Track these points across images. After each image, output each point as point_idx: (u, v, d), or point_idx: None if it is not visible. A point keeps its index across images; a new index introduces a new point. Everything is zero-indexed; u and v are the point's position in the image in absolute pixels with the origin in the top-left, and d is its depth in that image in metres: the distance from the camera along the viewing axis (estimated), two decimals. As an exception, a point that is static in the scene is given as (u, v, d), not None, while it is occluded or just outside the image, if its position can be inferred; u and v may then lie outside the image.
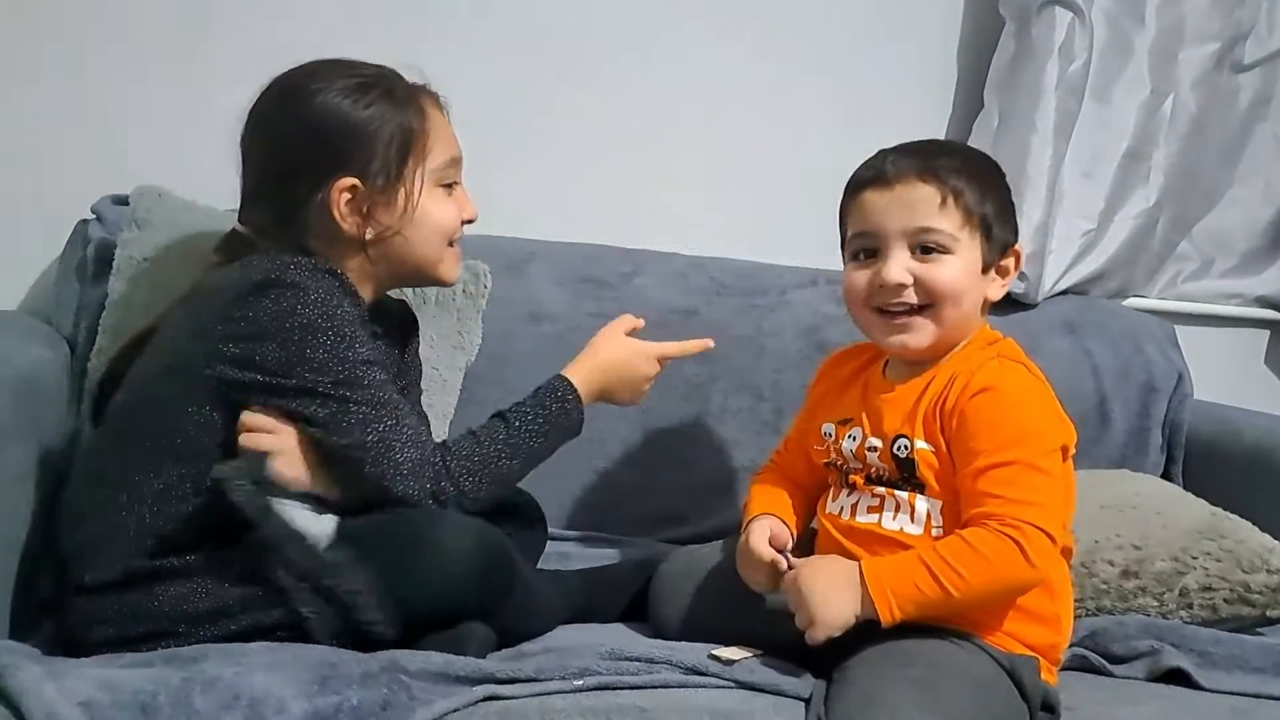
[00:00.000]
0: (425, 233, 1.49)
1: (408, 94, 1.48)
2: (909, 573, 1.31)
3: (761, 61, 2.28)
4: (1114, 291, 2.41)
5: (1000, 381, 1.39)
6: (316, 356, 1.34)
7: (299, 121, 1.45)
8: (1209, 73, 2.39)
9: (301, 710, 1.12)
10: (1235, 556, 1.67)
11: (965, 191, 1.42)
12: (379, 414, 1.36)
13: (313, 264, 1.38)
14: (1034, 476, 1.33)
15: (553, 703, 1.22)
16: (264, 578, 1.31)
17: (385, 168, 1.44)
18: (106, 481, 1.37)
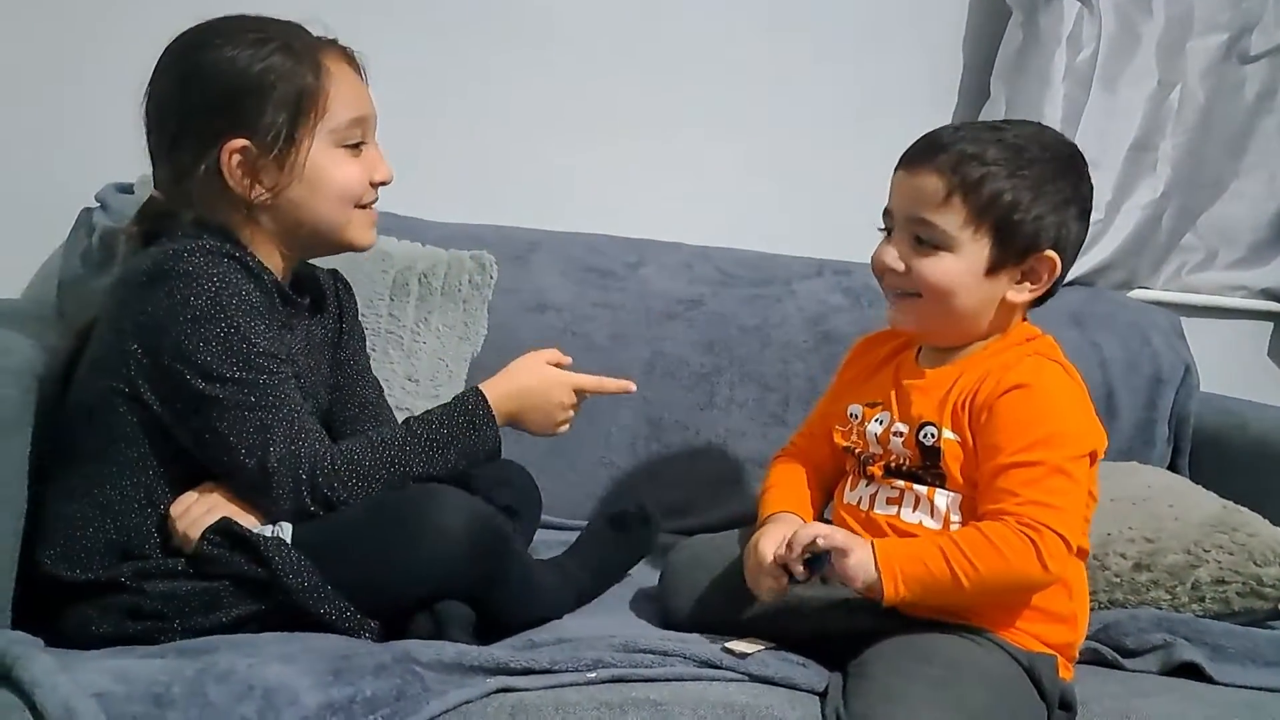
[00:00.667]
0: (323, 195, 1.41)
1: (306, 48, 1.40)
2: (920, 553, 1.31)
3: (768, 50, 2.28)
4: (1120, 283, 2.41)
5: (1035, 380, 1.36)
6: (210, 350, 1.30)
7: (188, 80, 1.39)
8: (1216, 64, 2.39)
9: (315, 702, 1.11)
10: (1248, 550, 1.66)
11: (979, 189, 1.36)
12: (275, 416, 1.32)
13: (210, 247, 1.32)
14: (1058, 480, 1.31)
15: (566, 695, 1.21)
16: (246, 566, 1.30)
17: (276, 127, 1.37)
18: (70, 496, 1.35)
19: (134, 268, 1.35)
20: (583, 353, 1.94)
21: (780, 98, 2.29)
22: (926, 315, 1.43)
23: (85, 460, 1.35)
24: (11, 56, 1.94)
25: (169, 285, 1.30)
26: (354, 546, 1.30)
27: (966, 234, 1.38)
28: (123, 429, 1.33)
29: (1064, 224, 1.40)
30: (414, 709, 1.14)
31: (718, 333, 2.05)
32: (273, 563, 1.28)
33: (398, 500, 1.33)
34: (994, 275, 1.39)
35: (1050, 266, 1.40)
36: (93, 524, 1.33)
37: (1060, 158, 1.42)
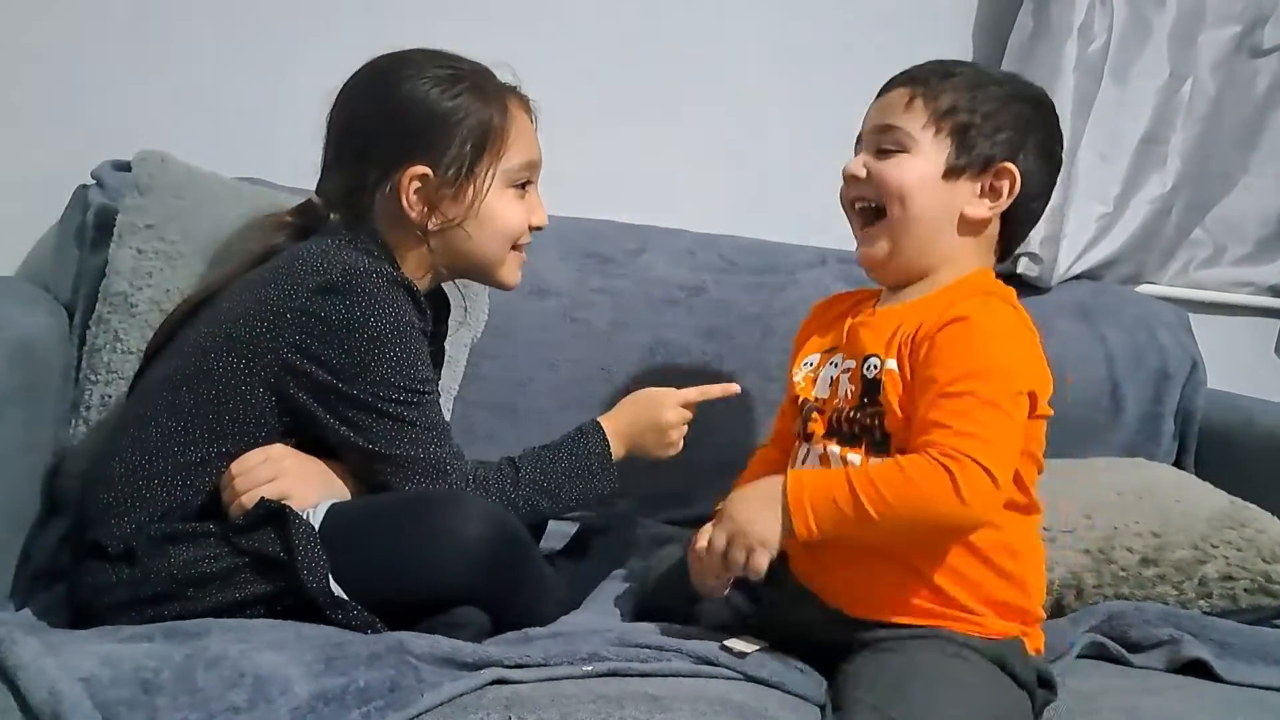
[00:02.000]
0: (489, 231, 1.48)
1: (496, 91, 1.48)
2: (830, 488, 1.27)
3: (775, 35, 2.26)
4: (1127, 277, 2.39)
5: (976, 313, 1.33)
6: (380, 371, 1.35)
7: (382, 104, 1.46)
8: (1228, 56, 2.37)
9: (307, 691, 1.09)
10: (1256, 546, 1.64)
11: (942, 95, 1.42)
12: (430, 435, 1.39)
13: (390, 276, 1.38)
14: (988, 413, 1.27)
15: (562, 688, 1.19)
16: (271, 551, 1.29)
17: (459, 161, 1.44)
18: (143, 449, 1.36)
19: (309, 268, 1.37)
20: (581, 338, 1.97)
21: (788, 84, 2.27)
22: (891, 233, 1.43)
23: (178, 418, 1.36)
24: (10, 32, 1.92)
25: (351, 300, 1.34)
26: (375, 544, 1.30)
27: (927, 135, 1.42)
28: (235, 404, 1.36)
29: (1025, 146, 1.43)
30: (408, 700, 1.11)
31: (719, 320, 2.03)
32: (295, 550, 1.27)
33: (422, 503, 1.33)
34: (952, 180, 1.42)
35: (1010, 179, 1.42)
36: (161, 477, 1.34)
37: (1029, 93, 1.48)
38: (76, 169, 1.86)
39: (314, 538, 1.28)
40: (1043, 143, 1.46)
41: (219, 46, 1.99)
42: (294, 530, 1.27)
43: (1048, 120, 1.48)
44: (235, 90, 1.98)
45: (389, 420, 1.36)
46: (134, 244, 1.68)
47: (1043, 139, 1.46)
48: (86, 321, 1.69)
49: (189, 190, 1.72)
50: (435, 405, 1.42)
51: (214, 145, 1.86)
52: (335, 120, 1.48)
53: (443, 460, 1.38)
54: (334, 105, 1.48)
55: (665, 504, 1.95)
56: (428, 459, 1.37)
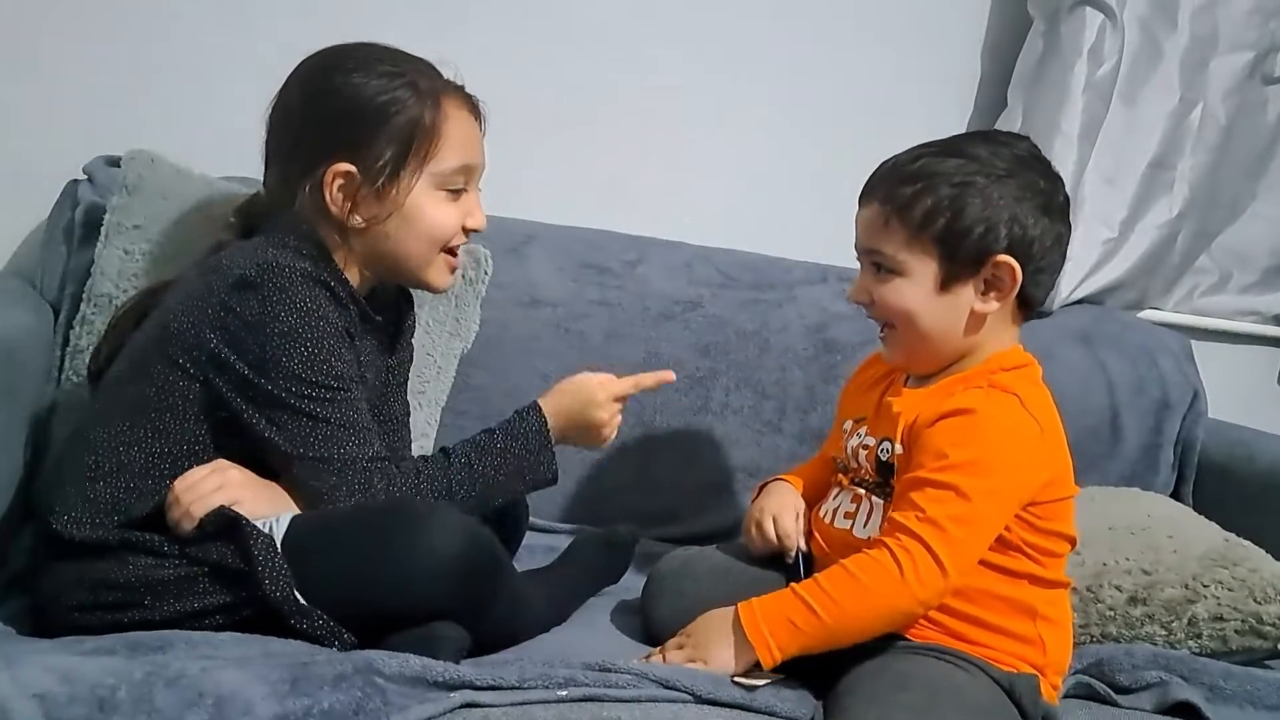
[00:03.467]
0: (414, 233, 1.44)
1: (432, 90, 1.44)
2: (784, 610, 1.31)
3: (782, 54, 2.25)
4: (1130, 303, 2.38)
5: (977, 406, 1.34)
6: (291, 366, 1.32)
7: (315, 97, 1.43)
8: (1240, 83, 2.36)
9: (270, 712, 1.06)
10: (1248, 586, 1.61)
11: (911, 206, 1.37)
12: (346, 433, 1.34)
13: (307, 272, 1.35)
14: (960, 505, 1.29)
15: (534, 712, 1.16)
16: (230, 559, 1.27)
17: (383, 160, 1.41)
18: (92, 449, 1.35)
19: (230, 263, 1.36)
20: (576, 351, 1.95)
21: (795, 101, 2.26)
22: (905, 343, 1.43)
23: (122, 417, 1.35)
24: (7, 28, 1.91)
25: (263, 294, 1.32)
26: (344, 556, 1.27)
27: (911, 255, 1.38)
28: (173, 400, 1.34)
29: (1016, 222, 1.36)
30: (372, 724, 1.09)
31: (715, 336, 2.01)
32: (255, 560, 1.25)
33: (393, 514, 1.30)
34: (950, 290, 1.39)
35: (1009, 271, 1.37)
36: (106, 478, 1.33)
37: (1009, 160, 1.39)
38: (70, 164, 1.85)
39: (273, 547, 1.26)
40: (1038, 205, 1.39)
41: (213, 46, 1.98)
42: (251, 540, 1.25)
43: (1035, 179, 1.40)
44: (229, 89, 1.96)
45: (302, 418, 1.32)
46: (120, 245, 1.67)
47: (1036, 202, 1.39)
48: (71, 321, 1.68)
49: (176, 191, 1.71)
50: (354, 404, 1.37)
51: (206, 144, 1.84)
52: (274, 110, 1.45)
53: (358, 460, 1.34)
54: (277, 95, 1.46)
55: (657, 522, 1.93)
56: (343, 459, 1.34)
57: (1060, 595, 1.42)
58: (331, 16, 1.99)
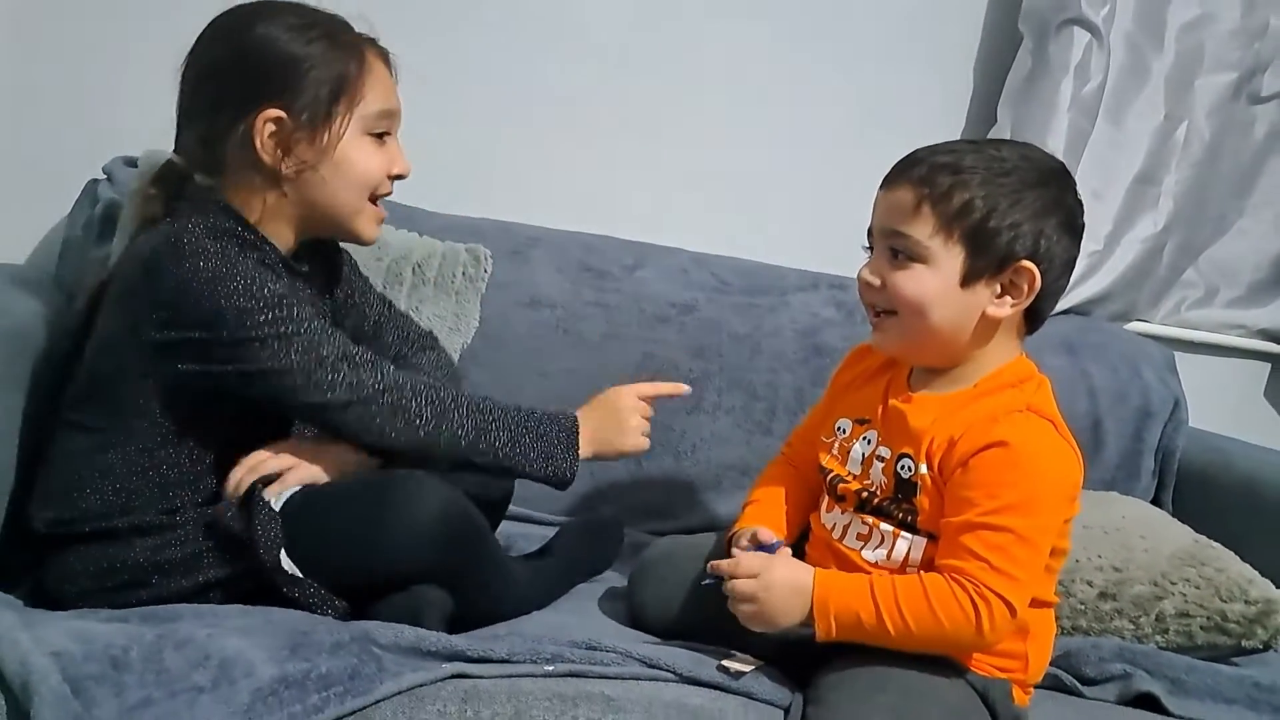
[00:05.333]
0: (346, 178, 1.46)
1: (351, 40, 1.46)
2: (856, 601, 1.31)
3: (778, 66, 2.30)
4: (1117, 314, 2.42)
5: (1018, 439, 1.31)
6: (234, 303, 1.33)
7: (235, 50, 1.43)
8: (1225, 102, 2.40)
9: (270, 675, 1.13)
10: (1214, 585, 1.67)
11: (949, 196, 1.34)
12: (314, 338, 1.36)
13: (211, 225, 1.37)
14: (1023, 549, 1.29)
15: (521, 685, 1.22)
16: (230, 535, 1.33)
17: (314, 104, 1.42)
18: (71, 459, 1.39)
19: (137, 254, 1.39)
20: (574, 350, 1.99)
21: (791, 111, 2.31)
22: (905, 333, 1.40)
23: (91, 426, 1.38)
24: (26, 32, 1.98)
25: (175, 264, 1.33)
26: (332, 522, 1.32)
27: (938, 243, 1.35)
28: (131, 401, 1.37)
29: (1043, 233, 1.35)
30: (367, 688, 1.15)
31: (709, 339, 2.06)
32: (254, 528, 1.30)
33: (378, 482, 1.35)
34: (970, 286, 1.36)
35: (1029, 277, 1.35)
36: (89, 485, 1.37)
37: (1042, 169, 1.39)
38: (89, 164, 1.92)
39: (274, 517, 1.31)
40: (1064, 221, 1.38)
41: None
42: (255, 510, 1.30)
43: (1064, 194, 1.39)
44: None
45: (269, 341, 1.34)
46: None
47: (1063, 217, 1.38)
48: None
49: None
50: (308, 317, 1.38)
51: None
52: (187, 71, 1.45)
53: (339, 355, 1.37)
54: (188, 56, 1.45)
55: (649, 516, 1.98)
56: (326, 358, 1.36)
57: (1048, 613, 1.43)
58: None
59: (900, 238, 1.37)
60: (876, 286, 1.39)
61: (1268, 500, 1.99)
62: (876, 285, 1.39)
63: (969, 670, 1.35)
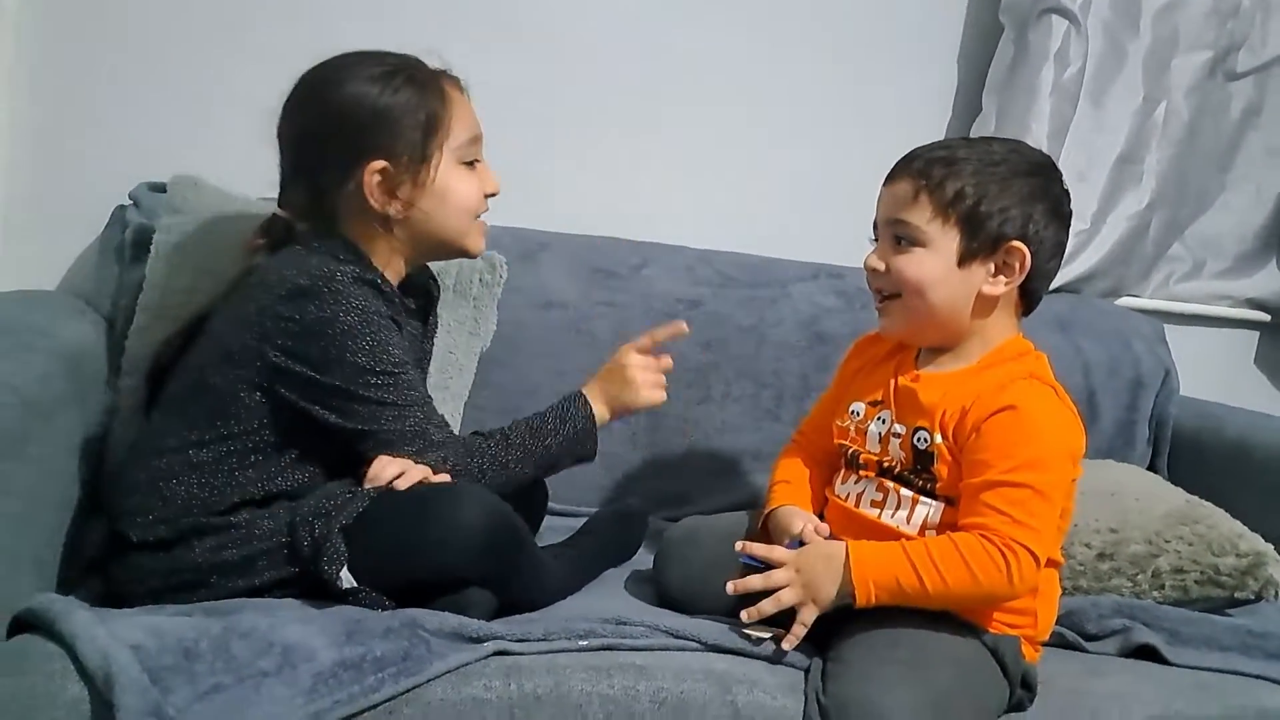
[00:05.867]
0: (450, 207, 1.57)
1: (429, 78, 1.57)
2: (893, 566, 1.40)
3: (771, 67, 2.36)
4: (1107, 291, 2.49)
5: (1025, 403, 1.43)
6: (355, 360, 1.45)
7: (329, 111, 1.54)
8: (1201, 81, 2.47)
9: (329, 659, 1.22)
10: (1206, 541, 1.75)
11: (944, 185, 1.47)
12: (409, 410, 1.49)
13: (353, 274, 1.48)
14: (1041, 503, 1.39)
15: (558, 660, 1.32)
16: (285, 539, 1.42)
17: (411, 148, 1.53)
18: (161, 454, 1.48)
19: (278, 278, 1.48)
20: (587, 348, 2.04)
21: (784, 109, 2.37)
22: (909, 314, 1.51)
23: (190, 427, 1.48)
24: (50, 63, 2.04)
25: (319, 301, 1.45)
26: (384, 533, 1.40)
27: (935, 227, 1.48)
28: (237, 410, 1.47)
29: (1031, 217, 1.47)
30: (419, 668, 1.24)
31: (715, 332, 2.12)
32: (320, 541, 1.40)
33: (425, 494, 1.44)
34: (966, 267, 1.48)
35: (1020, 257, 1.47)
36: (177, 477, 1.46)
37: (1030, 161, 1.52)
38: (112, 191, 1.99)
39: (337, 537, 1.40)
40: (1051, 208, 1.50)
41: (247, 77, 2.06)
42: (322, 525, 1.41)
43: (1050, 184, 1.52)
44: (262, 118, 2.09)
45: (370, 404, 1.46)
46: (170, 260, 1.80)
47: (1050, 204, 1.50)
48: (125, 332, 1.80)
49: (219, 210, 1.83)
50: (412, 382, 1.51)
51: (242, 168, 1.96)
52: (285, 134, 1.56)
53: (424, 428, 1.49)
54: (282, 120, 1.56)
55: (668, 503, 2.04)
56: (410, 430, 1.48)
57: (1054, 572, 1.53)
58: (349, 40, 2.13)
59: (901, 225, 1.50)
60: (881, 271, 1.52)
61: (1257, 461, 2.08)
62: (881, 270, 1.52)
63: (981, 628, 1.44)
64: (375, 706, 1.22)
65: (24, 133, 2.04)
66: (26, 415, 1.33)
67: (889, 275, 1.51)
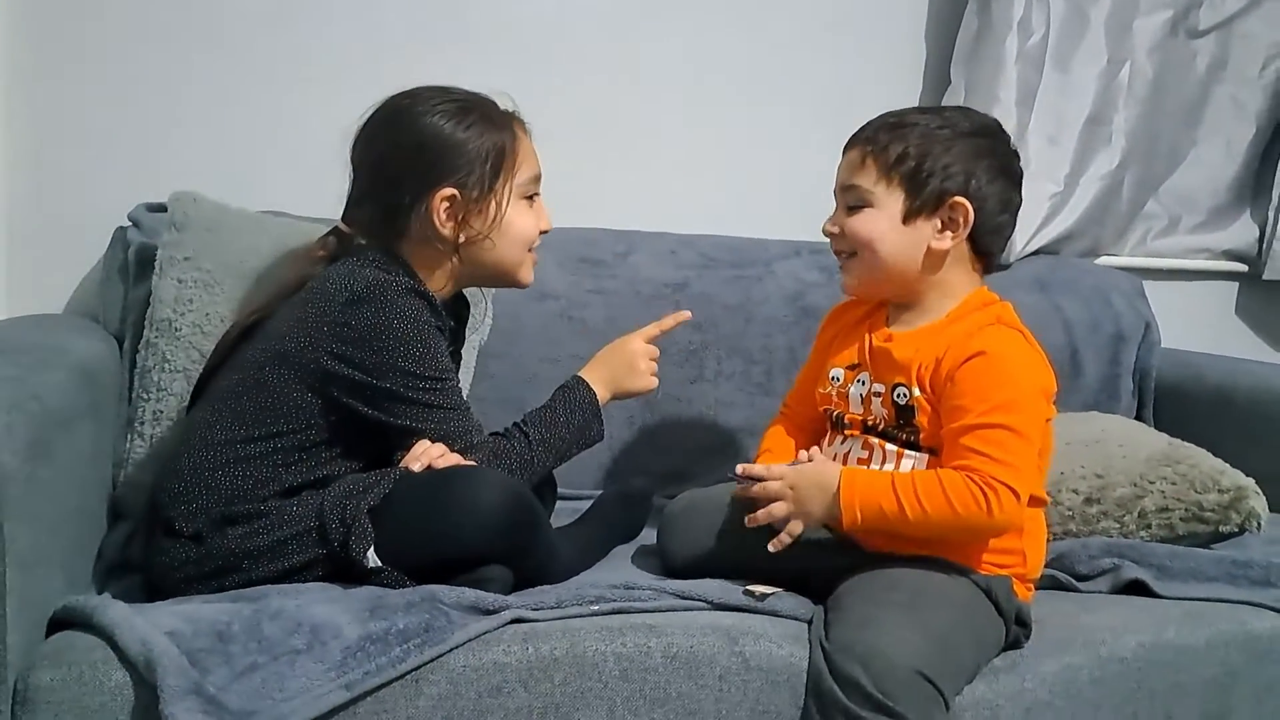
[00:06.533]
0: (510, 239, 1.67)
1: (502, 118, 1.67)
2: (879, 493, 1.48)
3: (741, 50, 2.41)
4: (1086, 250, 2.54)
5: (995, 347, 1.51)
6: (406, 366, 1.54)
7: (406, 138, 1.64)
8: (1164, 40, 2.53)
9: (356, 634, 1.28)
10: (1189, 479, 1.80)
11: (887, 149, 1.57)
12: (452, 414, 1.59)
13: (407, 285, 1.57)
14: (1018, 441, 1.47)
15: (572, 624, 1.39)
16: (313, 523, 1.49)
17: (480, 181, 1.64)
18: (210, 447, 1.55)
19: (337, 286, 1.57)
20: (580, 335, 2.10)
21: (759, 93, 2.42)
22: (864, 269, 1.62)
23: (241, 421, 1.55)
24: (46, 91, 2.10)
25: (375, 308, 1.54)
26: (407, 514, 1.47)
27: (881, 188, 1.58)
28: (289, 408, 1.55)
29: (974, 175, 1.57)
30: (441, 638, 1.31)
31: (704, 312, 2.15)
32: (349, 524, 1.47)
33: (445, 478, 1.51)
34: (911, 223, 1.58)
35: (963, 212, 1.56)
36: (226, 468, 1.53)
37: (975, 123, 1.62)
38: (111, 214, 2.03)
39: (365, 519, 1.47)
40: (995, 165, 1.59)
41: (236, 97, 2.17)
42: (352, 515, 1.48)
43: (996, 144, 1.61)
44: (251, 134, 2.16)
45: (418, 406, 1.55)
46: (174, 275, 1.85)
47: (994, 161, 1.59)
48: (136, 346, 1.86)
49: (220, 224, 1.89)
50: (455, 390, 1.62)
51: (239, 183, 2.03)
52: (363, 157, 1.66)
53: (466, 433, 1.59)
54: (356, 143, 1.66)
55: (668, 481, 2.07)
56: (452, 433, 1.57)
57: (1039, 511, 1.60)
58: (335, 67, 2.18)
59: (852, 190, 1.61)
60: (837, 234, 1.64)
61: (1239, 406, 2.15)
62: (836, 233, 1.64)
63: (972, 570, 1.51)
64: (402, 676, 1.29)
65: (21, 160, 2.09)
66: (50, 424, 1.39)
67: (844, 237, 1.62)
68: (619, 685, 1.35)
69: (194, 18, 2.15)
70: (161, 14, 2.13)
